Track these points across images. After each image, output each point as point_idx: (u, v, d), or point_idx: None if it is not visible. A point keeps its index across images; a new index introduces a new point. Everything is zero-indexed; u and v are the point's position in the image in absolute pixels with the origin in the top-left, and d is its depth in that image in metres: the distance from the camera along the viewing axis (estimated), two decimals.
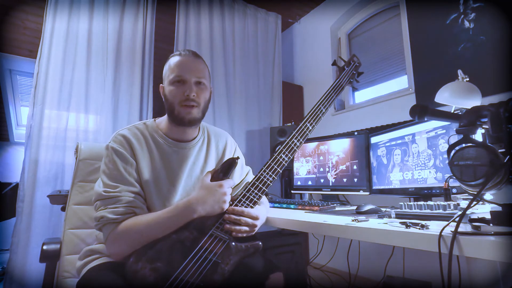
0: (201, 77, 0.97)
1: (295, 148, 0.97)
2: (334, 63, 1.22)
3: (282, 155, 0.96)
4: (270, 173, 0.93)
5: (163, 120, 1.04)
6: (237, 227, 0.87)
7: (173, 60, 0.99)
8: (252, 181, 0.93)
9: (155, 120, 1.06)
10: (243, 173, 1.18)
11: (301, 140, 0.99)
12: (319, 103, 1.06)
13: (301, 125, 1.01)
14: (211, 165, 1.07)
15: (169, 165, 0.99)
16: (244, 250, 0.87)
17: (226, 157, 1.11)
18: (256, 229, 0.93)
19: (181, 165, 1.00)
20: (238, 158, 0.96)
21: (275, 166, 0.94)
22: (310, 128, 1.01)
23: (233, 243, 0.87)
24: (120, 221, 0.85)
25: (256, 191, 0.92)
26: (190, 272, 0.79)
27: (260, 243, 0.89)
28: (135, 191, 0.90)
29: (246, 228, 0.89)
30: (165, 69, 1.01)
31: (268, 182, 0.93)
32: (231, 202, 0.91)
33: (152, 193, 0.94)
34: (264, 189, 0.92)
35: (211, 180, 0.92)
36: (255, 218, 0.91)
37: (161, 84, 1.03)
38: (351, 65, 1.19)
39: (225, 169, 0.94)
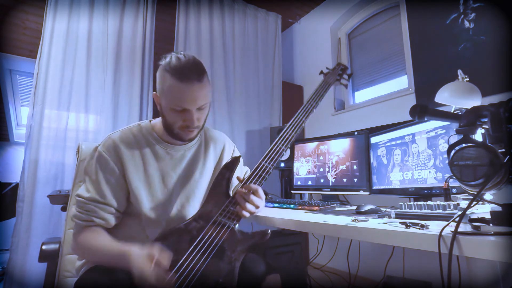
0: (204, 104, 0.90)
1: (290, 138, 1.03)
2: (321, 72, 1.37)
3: (279, 145, 1.01)
4: (269, 161, 0.98)
5: (158, 121, 1.02)
6: (246, 204, 0.89)
7: (171, 83, 0.86)
8: (253, 169, 0.97)
9: (150, 121, 1.04)
10: (242, 172, 1.19)
11: (296, 130, 1.05)
12: (310, 98, 1.16)
13: (294, 118, 1.08)
14: (210, 168, 1.07)
15: (163, 167, 0.97)
16: (250, 236, 0.88)
17: (225, 159, 1.11)
18: (258, 210, 0.94)
19: (176, 167, 0.99)
20: (240, 156, 1.03)
21: (274, 155, 1.00)
22: (304, 120, 1.08)
23: (238, 229, 0.89)
24: (83, 226, 0.89)
25: (257, 178, 0.95)
26: (195, 258, 0.81)
27: (269, 230, 0.89)
28: (103, 202, 0.89)
29: (253, 208, 0.90)
30: (160, 84, 0.91)
31: (267, 169, 0.97)
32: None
33: (143, 196, 0.93)
34: (265, 176, 0.96)
35: (217, 176, 0.98)
36: (260, 197, 0.92)
37: (155, 92, 0.95)
38: (335, 69, 1.36)
39: (230, 166, 1.01)
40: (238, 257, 0.84)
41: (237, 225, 0.89)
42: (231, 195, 0.96)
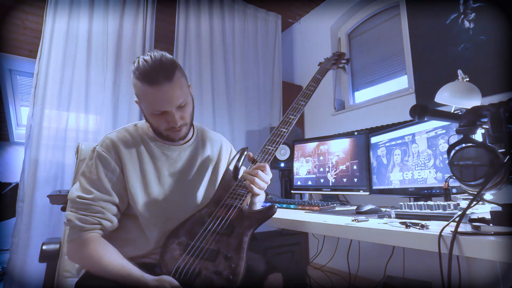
0: (182, 102, 0.89)
1: (291, 121, 1.06)
2: (319, 64, 1.37)
3: (281, 128, 1.05)
4: (272, 144, 1.01)
5: None
6: (254, 178, 0.90)
7: (143, 89, 0.86)
8: (259, 152, 1.00)
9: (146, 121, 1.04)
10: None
11: (296, 114, 1.09)
12: (308, 84, 1.20)
13: (294, 103, 1.12)
14: (207, 169, 1.06)
15: (160, 167, 0.97)
16: (257, 212, 0.90)
17: (223, 160, 1.11)
18: (265, 187, 0.95)
19: (172, 167, 0.99)
20: (247, 148, 1.05)
21: (276, 138, 1.03)
22: (303, 104, 1.12)
23: (246, 207, 0.91)
24: (86, 230, 0.84)
25: (263, 155, 0.99)
26: (206, 237, 0.84)
27: (276, 206, 0.90)
28: (109, 200, 0.89)
29: (261, 182, 0.91)
30: (135, 91, 0.90)
31: (271, 150, 1.00)
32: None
33: (139, 196, 0.92)
34: (270, 158, 0.99)
35: (227, 166, 1.03)
36: (268, 174, 0.94)
37: (136, 100, 0.94)
38: (332, 56, 1.41)
39: (237, 155, 1.04)
40: (246, 232, 0.85)
41: (244, 205, 0.91)
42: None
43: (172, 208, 0.95)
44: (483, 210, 0.79)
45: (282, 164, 2.12)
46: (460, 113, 0.81)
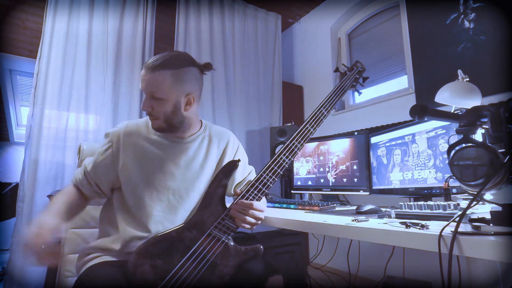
0: (154, 92, 0.92)
1: (296, 150, 0.94)
2: (336, 70, 1.18)
3: (283, 157, 0.93)
4: (270, 174, 0.91)
5: None
6: (246, 217, 0.87)
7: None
8: (252, 181, 0.91)
9: None
10: (245, 171, 1.17)
11: (302, 142, 0.96)
12: (320, 105, 1.02)
13: (302, 127, 0.97)
14: (212, 162, 1.07)
15: (165, 157, 1.00)
16: (244, 252, 0.88)
17: (228, 155, 1.11)
18: (259, 222, 0.93)
19: (176, 157, 1.01)
20: (239, 160, 0.97)
21: (276, 168, 0.92)
22: (312, 130, 0.98)
23: (232, 244, 0.88)
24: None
25: (256, 192, 0.90)
26: (187, 271, 0.81)
27: (261, 247, 0.89)
28: (98, 182, 1.00)
29: (253, 220, 0.89)
30: None
31: (268, 183, 0.91)
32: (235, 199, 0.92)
33: (137, 180, 0.97)
34: (264, 190, 0.91)
35: (212, 181, 0.94)
36: (261, 210, 0.92)
37: None
38: (353, 70, 1.15)
39: (226, 171, 0.95)
40: (230, 272, 0.84)
41: (231, 241, 0.88)
42: (226, 203, 0.94)
43: (171, 197, 0.98)
44: (483, 210, 0.79)
45: None
46: (460, 113, 0.82)
